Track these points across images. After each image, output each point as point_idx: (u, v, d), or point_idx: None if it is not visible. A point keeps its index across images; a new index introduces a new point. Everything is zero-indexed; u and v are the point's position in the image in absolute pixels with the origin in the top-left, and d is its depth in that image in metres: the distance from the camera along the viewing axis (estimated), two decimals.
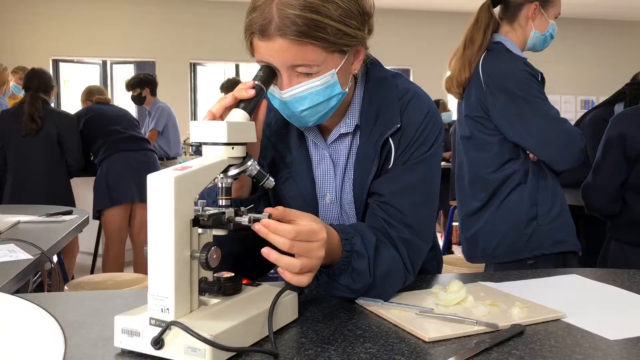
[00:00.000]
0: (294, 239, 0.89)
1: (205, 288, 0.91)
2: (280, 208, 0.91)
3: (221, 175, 0.96)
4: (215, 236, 0.93)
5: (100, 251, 4.49)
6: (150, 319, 0.85)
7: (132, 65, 8.01)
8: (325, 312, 1.05)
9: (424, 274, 1.31)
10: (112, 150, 3.95)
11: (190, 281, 0.87)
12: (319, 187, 1.22)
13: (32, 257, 1.57)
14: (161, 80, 5.50)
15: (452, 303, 1.08)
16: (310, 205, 1.20)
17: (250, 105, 1.01)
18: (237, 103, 1.01)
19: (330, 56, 1.04)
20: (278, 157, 1.21)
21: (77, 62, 8.03)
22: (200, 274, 0.90)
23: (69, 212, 2.33)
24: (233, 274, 0.97)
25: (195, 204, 0.90)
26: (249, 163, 0.98)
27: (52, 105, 3.94)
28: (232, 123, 0.95)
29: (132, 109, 6.80)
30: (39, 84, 3.76)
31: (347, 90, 1.10)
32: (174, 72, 7.88)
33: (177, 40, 7.97)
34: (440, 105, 6.40)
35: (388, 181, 1.15)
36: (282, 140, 1.21)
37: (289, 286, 0.97)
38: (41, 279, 3.46)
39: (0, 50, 7.05)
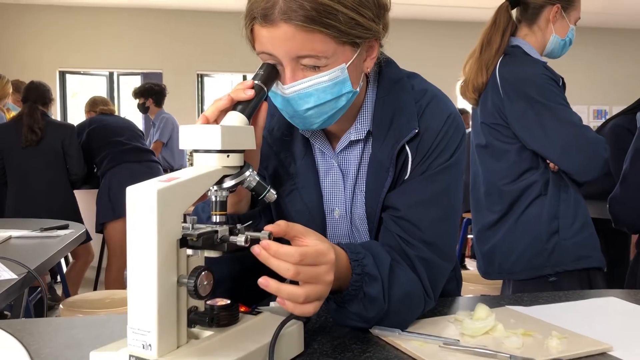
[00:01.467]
0: (299, 263, 0.76)
1: (195, 319, 0.78)
2: (282, 223, 0.79)
3: (215, 188, 0.84)
4: (207, 258, 0.80)
5: (104, 265, 4.39)
6: (130, 356, 0.72)
7: (139, 77, 7.96)
8: (335, 343, 0.92)
9: (442, 296, 1.17)
10: (115, 162, 3.90)
11: (178, 312, 0.75)
12: (326, 201, 1.10)
13: (17, 276, 1.45)
14: (168, 92, 5.43)
15: (480, 332, 0.95)
16: (317, 221, 1.08)
17: (248, 108, 0.89)
18: (234, 105, 0.89)
19: (341, 48, 0.92)
20: (281, 167, 1.08)
21: (84, 73, 7.99)
22: (189, 302, 0.78)
23: (65, 227, 2.22)
24: (229, 301, 0.84)
25: (185, 220, 0.78)
26: (247, 173, 0.86)
27: (52, 117, 3.87)
28: (227, 127, 0.82)
29: (139, 119, 6.76)
30: (37, 96, 3.72)
31: (358, 89, 0.98)
32: (180, 83, 7.82)
33: (184, 51, 7.92)
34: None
35: (404, 193, 1.02)
36: (285, 148, 1.09)
37: (293, 315, 0.84)
38: (41, 294, 3.35)
39: (7, 62, 7.04)
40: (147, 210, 0.71)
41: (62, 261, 4.62)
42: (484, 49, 1.92)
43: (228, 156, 0.82)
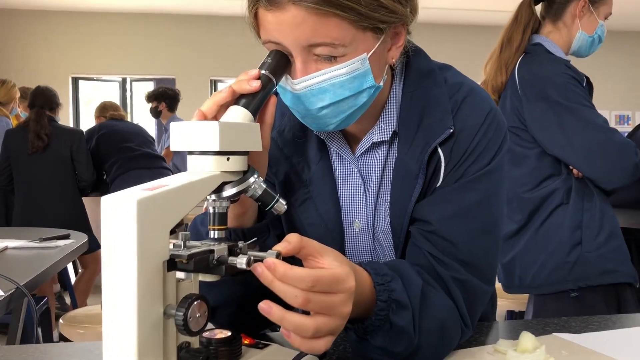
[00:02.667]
0: (310, 290, 0.61)
1: (187, 358, 0.64)
2: (293, 238, 0.64)
3: (213, 197, 0.70)
4: (202, 283, 0.66)
5: None
6: None
7: (151, 83, 7.90)
8: None
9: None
10: (124, 169, 3.82)
11: (165, 350, 0.61)
12: (345, 212, 0.95)
13: (3, 293, 1.32)
14: (181, 97, 5.35)
15: None
16: (334, 235, 0.93)
17: (254, 102, 0.74)
18: (237, 99, 0.75)
19: (361, 35, 0.77)
20: (293, 174, 0.94)
21: (97, 80, 7.95)
22: (179, 337, 0.64)
23: (66, 237, 2.10)
24: (230, 333, 0.70)
25: (177, 236, 0.64)
26: (252, 180, 0.72)
27: (59, 122, 3.80)
28: (228, 124, 0.68)
29: (151, 125, 6.69)
30: (44, 101, 3.65)
31: (381, 84, 0.84)
32: (194, 89, 7.73)
33: (197, 56, 7.85)
34: None
35: (436, 204, 0.87)
36: (298, 151, 0.94)
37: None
38: (47, 305, 3.25)
39: (19, 68, 7.02)
40: (125, 226, 0.57)
41: (72, 269, 4.53)
42: (504, 48, 1.81)
43: (228, 159, 0.68)
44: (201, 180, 0.65)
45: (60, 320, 2.12)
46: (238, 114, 0.72)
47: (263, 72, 0.76)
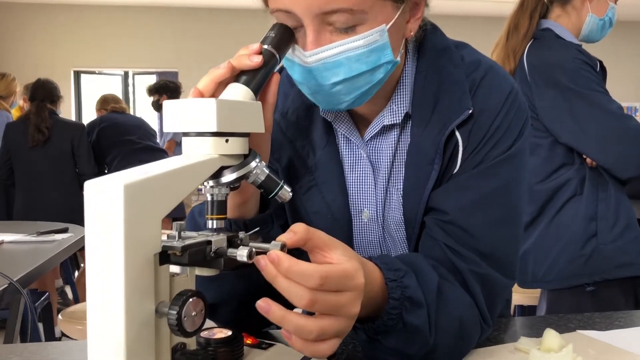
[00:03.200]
0: (318, 289, 0.55)
1: None
2: (300, 228, 0.57)
3: (210, 183, 0.63)
4: (200, 277, 0.60)
5: None
6: None
7: (154, 76, 7.85)
8: None
9: None
10: (126, 162, 3.77)
11: (157, 352, 0.55)
12: (353, 200, 0.88)
13: None
14: (183, 90, 5.28)
15: None
16: (341, 224, 0.87)
17: (255, 80, 0.68)
18: (237, 76, 0.69)
19: (380, 3, 0.71)
20: (297, 159, 0.87)
21: (99, 73, 7.90)
22: (174, 338, 0.57)
23: (64, 230, 2.05)
24: (230, 332, 0.64)
25: (171, 225, 0.58)
26: (254, 164, 0.65)
27: (60, 116, 3.75)
28: (226, 102, 0.62)
29: (154, 119, 6.63)
30: (45, 94, 3.59)
31: (399, 59, 0.77)
32: (196, 82, 7.63)
33: (199, 50, 7.79)
34: None
35: (453, 192, 0.80)
36: (302, 135, 0.88)
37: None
38: (48, 300, 3.20)
39: (21, 61, 6.98)
40: (111, 213, 0.50)
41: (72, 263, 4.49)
42: (510, 35, 1.74)
43: (227, 141, 0.62)
44: (197, 164, 0.59)
45: (59, 316, 2.07)
46: (238, 92, 0.66)
47: (265, 46, 0.70)
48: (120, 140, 3.83)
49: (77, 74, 7.72)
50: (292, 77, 0.78)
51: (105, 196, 0.51)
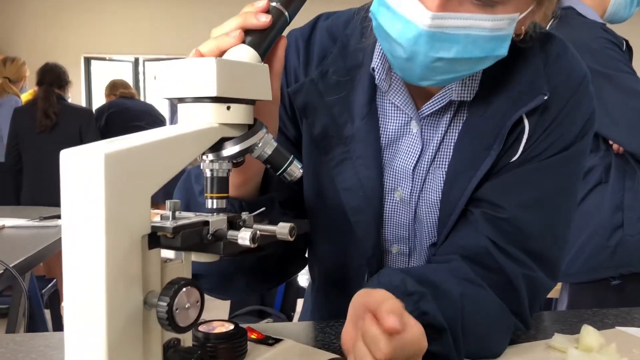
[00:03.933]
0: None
1: (175, 359, 0.50)
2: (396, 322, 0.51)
3: (210, 157, 0.56)
4: (196, 264, 0.52)
5: None
6: None
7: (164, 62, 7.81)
8: None
9: None
10: None
11: (147, 348, 0.47)
12: (387, 177, 0.80)
13: None
14: None
15: None
16: (374, 203, 0.78)
17: (265, 41, 0.60)
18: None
19: None
20: (332, 127, 0.77)
21: (109, 59, 7.85)
22: (166, 333, 0.50)
23: None
24: (232, 326, 0.56)
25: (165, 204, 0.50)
26: (261, 134, 0.57)
27: (69, 101, 3.70)
28: (228, 62, 0.53)
29: (164, 106, 6.58)
30: (53, 78, 3.52)
31: (506, 52, 0.69)
32: None
33: (209, 36, 7.71)
34: None
35: (513, 187, 0.73)
36: (341, 101, 0.77)
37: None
38: (56, 288, 3.16)
39: (31, 48, 6.94)
40: (90, 189, 0.43)
41: None
42: None
43: (229, 108, 0.54)
44: (193, 133, 0.51)
45: (62, 304, 2.01)
46: (243, 53, 0.58)
47: (273, 4, 0.61)
48: (128, 126, 3.77)
49: (88, 61, 7.67)
50: (383, 31, 0.67)
51: (83, 168, 0.43)
